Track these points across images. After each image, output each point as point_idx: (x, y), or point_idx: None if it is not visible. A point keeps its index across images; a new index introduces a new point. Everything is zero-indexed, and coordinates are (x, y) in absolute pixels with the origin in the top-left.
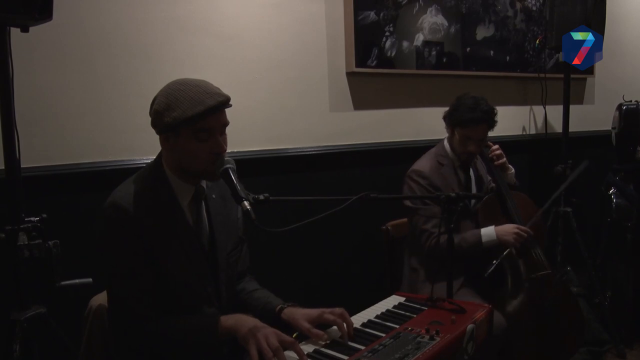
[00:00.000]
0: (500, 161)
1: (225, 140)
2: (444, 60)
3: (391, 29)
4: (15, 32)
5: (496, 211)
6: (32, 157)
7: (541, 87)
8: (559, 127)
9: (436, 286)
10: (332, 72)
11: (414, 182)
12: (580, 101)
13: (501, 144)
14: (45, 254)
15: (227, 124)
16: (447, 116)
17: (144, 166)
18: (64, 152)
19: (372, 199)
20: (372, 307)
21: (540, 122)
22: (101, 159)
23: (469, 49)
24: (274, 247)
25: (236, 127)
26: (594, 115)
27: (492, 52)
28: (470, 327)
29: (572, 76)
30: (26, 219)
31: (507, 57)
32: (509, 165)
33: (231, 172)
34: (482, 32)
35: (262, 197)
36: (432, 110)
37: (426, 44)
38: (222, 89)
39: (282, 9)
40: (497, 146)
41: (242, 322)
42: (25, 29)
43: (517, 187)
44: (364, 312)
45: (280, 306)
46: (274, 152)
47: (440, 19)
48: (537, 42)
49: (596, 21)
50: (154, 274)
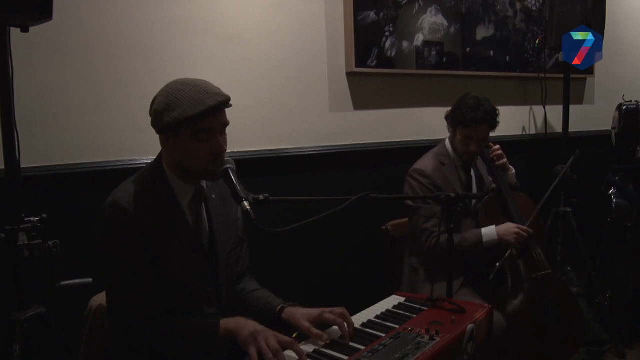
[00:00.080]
0: (501, 162)
1: (225, 140)
2: (444, 60)
3: (391, 29)
4: (15, 32)
5: (497, 211)
6: (32, 157)
7: (541, 87)
8: (559, 127)
9: (436, 286)
10: (332, 72)
11: (416, 181)
12: (580, 101)
13: (501, 144)
14: (45, 254)
15: (227, 124)
16: (450, 116)
17: (144, 166)
18: (64, 152)
19: (372, 199)
20: (372, 307)
21: (540, 122)
22: (101, 159)
23: (469, 49)
24: (274, 247)
25: (236, 127)
26: (594, 115)
27: (492, 52)
28: (470, 327)
29: (572, 76)
30: (26, 219)
31: (507, 57)
32: (510, 166)
33: (231, 172)
34: (482, 32)
35: (262, 197)
36: (432, 110)
37: (426, 44)
38: (222, 89)
39: (282, 9)
40: (498, 147)
41: (243, 325)
42: (25, 29)
43: (517, 187)
44: (364, 312)
45: (280, 306)
46: (274, 152)
47: (440, 19)
48: (537, 42)
49: (596, 21)
50: (154, 274)
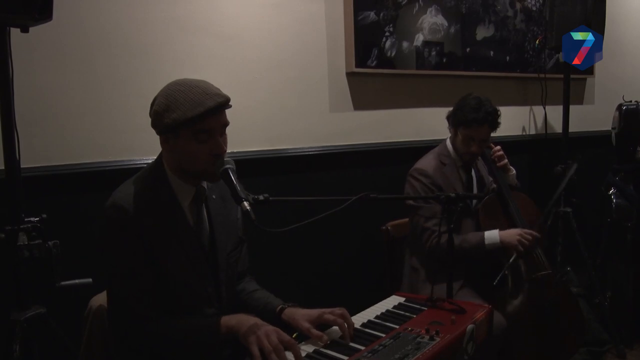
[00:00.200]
0: (502, 163)
1: (225, 140)
2: (444, 60)
3: (391, 29)
4: (15, 32)
5: (497, 211)
6: (32, 157)
7: (541, 87)
8: (559, 127)
9: (436, 286)
10: (332, 72)
11: (417, 180)
12: (580, 101)
13: (501, 144)
14: (45, 254)
15: (227, 125)
16: (451, 116)
17: (145, 167)
18: (64, 152)
19: (372, 199)
20: (372, 307)
21: (540, 122)
22: (101, 159)
23: (469, 49)
24: (274, 247)
25: (236, 127)
26: (593, 115)
27: (492, 52)
28: (470, 327)
29: (572, 76)
30: (26, 219)
31: (507, 57)
32: (510, 166)
33: (231, 173)
34: (482, 32)
35: (262, 198)
36: (432, 110)
37: (426, 44)
38: (222, 89)
39: (282, 9)
40: (498, 147)
41: (244, 321)
42: (25, 29)
43: (518, 188)
44: (363, 312)
45: (280, 306)
46: (274, 152)
47: (440, 19)
48: (537, 42)
49: (596, 21)
50: (154, 274)
